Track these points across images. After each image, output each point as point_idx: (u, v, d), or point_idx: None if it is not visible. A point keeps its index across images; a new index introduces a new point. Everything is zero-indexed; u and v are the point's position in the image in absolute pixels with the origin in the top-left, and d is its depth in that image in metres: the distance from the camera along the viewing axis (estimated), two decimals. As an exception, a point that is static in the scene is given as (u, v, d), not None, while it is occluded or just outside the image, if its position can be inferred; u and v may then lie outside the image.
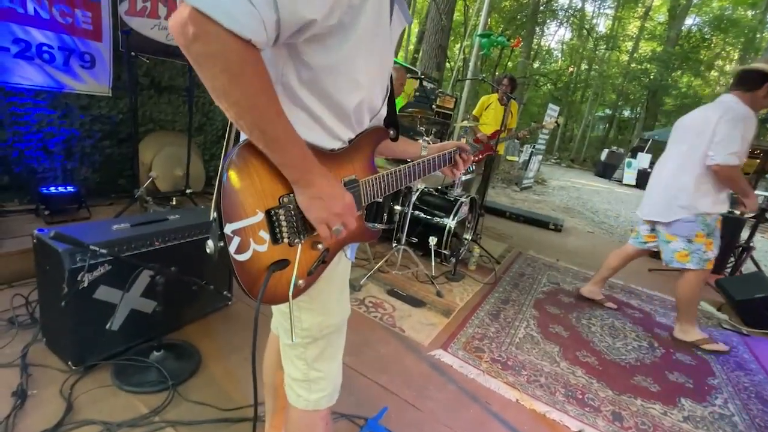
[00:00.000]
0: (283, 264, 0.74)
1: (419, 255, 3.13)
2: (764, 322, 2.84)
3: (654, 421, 1.73)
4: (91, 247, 1.23)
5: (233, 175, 0.67)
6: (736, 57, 22.85)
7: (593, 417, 1.69)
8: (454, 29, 13.71)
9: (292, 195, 0.73)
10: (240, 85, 0.59)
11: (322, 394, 0.91)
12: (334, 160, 0.81)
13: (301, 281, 0.78)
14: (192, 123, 2.83)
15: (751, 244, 4.12)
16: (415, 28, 19.20)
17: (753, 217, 4.20)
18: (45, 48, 2.23)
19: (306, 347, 0.88)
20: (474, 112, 4.70)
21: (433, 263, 2.94)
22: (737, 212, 4.66)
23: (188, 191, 2.86)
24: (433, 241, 2.93)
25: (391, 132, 0.97)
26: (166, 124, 3.02)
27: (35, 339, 1.50)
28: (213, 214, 0.68)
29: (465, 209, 3.18)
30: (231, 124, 0.72)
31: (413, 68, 5.81)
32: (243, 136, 0.70)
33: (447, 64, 10.98)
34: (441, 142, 3.68)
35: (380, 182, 0.92)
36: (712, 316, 3.02)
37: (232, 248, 0.67)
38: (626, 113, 26.25)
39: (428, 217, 3.07)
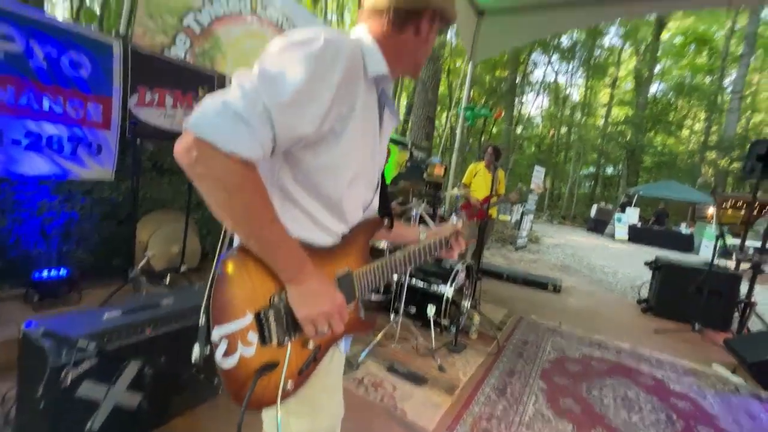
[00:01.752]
0: (271, 366, 0.73)
1: (418, 325, 3.05)
2: (782, 385, 2.71)
3: None
4: (79, 344, 1.19)
5: (226, 277, 0.69)
6: (702, 117, 24.60)
7: None
8: (440, 100, 14.84)
9: (283, 293, 0.74)
10: (237, 200, 0.63)
11: None
12: (328, 256, 0.83)
13: (290, 382, 0.76)
14: (191, 201, 2.90)
15: (753, 299, 4.06)
16: (403, 101, 20.67)
17: (750, 268, 4.17)
18: (55, 139, 2.37)
19: None
20: (464, 180, 4.90)
21: (433, 334, 2.85)
22: (729, 266, 4.67)
23: (183, 269, 2.85)
24: (431, 310, 2.87)
25: (385, 221, 1.01)
26: (165, 204, 3.09)
27: (7, 444, 1.38)
28: (201, 319, 0.68)
29: (462, 276, 3.17)
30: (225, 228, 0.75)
31: (403, 139, 6.18)
32: (237, 239, 0.74)
33: (435, 132, 11.67)
34: (433, 209, 3.79)
35: (375, 272, 0.93)
36: (727, 380, 2.88)
37: (218, 354, 0.67)
38: (609, 170, 27.40)
39: (425, 285, 3.05)
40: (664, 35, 23.15)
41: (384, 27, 0.81)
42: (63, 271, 2.33)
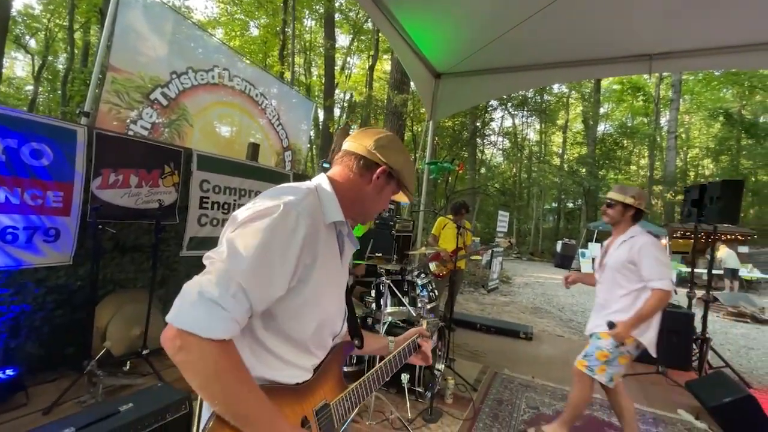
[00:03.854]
0: None
1: (393, 392, 3.01)
2: (741, 427, 2.83)
3: None
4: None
5: None
6: (646, 154, 26.88)
7: None
8: (406, 145, 15.54)
9: None
10: (214, 385, 0.69)
11: None
12: (304, 393, 0.87)
13: None
14: (155, 278, 2.83)
15: (708, 336, 4.29)
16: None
17: (703, 299, 4.37)
18: (9, 230, 2.29)
19: None
20: (433, 231, 5.06)
21: (408, 403, 2.82)
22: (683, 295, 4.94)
23: (144, 352, 2.71)
24: (405, 378, 2.85)
25: (356, 342, 1.07)
26: (127, 283, 2.99)
27: None
28: None
29: (434, 338, 3.19)
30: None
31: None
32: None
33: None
34: (402, 266, 3.86)
35: (351, 397, 0.97)
36: (692, 426, 2.99)
37: None
38: (570, 205, 28.96)
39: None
40: (604, 82, 25.68)
41: (349, 168, 0.95)
42: (10, 372, 2.17)
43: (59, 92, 16.82)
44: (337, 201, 0.91)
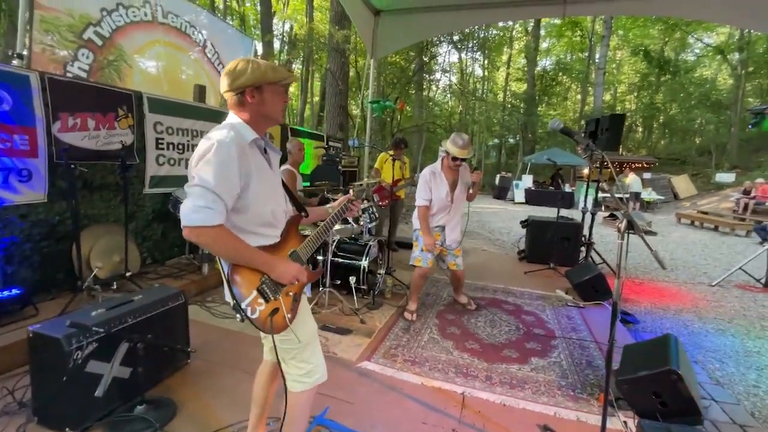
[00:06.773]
0: (276, 311, 1.35)
1: (344, 293, 3.78)
2: (592, 296, 3.99)
3: (511, 375, 2.56)
4: (94, 328, 1.67)
5: (233, 280, 1.28)
6: (580, 90, 28.58)
7: (472, 381, 2.46)
8: (353, 82, 15.34)
9: (265, 275, 1.34)
10: (223, 248, 1.24)
11: (318, 376, 1.52)
12: (279, 247, 1.46)
13: (289, 315, 1.39)
14: (127, 213, 3.21)
15: (591, 240, 5.49)
16: (317, 83, 20.66)
17: (591, 213, 5.51)
18: (-14, 171, 2.53)
19: (302, 351, 1.47)
20: (376, 165, 5.66)
21: (355, 298, 3.61)
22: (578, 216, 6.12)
23: (128, 274, 3.18)
24: (353, 280, 3.61)
25: (303, 213, 1.66)
26: (100, 218, 3.32)
27: (29, 420, 1.80)
28: (232, 302, 1.28)
29: (375, 250, 3.95)
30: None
31: (320, 134, 6.70)
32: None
33: (351, 116, 12.25)
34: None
35: (309, 244, 1.57)
36: (562, 298, 4.12)
37: (248, 313, 1.28)
38: (512, 140, 30.67)
39: (346, 261, 3.77)
40: (547, 18, 26.09)
41: (235, 104, 1.38)
42: (15, 291, 2.57)
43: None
44: (247, 125, 1.38)
